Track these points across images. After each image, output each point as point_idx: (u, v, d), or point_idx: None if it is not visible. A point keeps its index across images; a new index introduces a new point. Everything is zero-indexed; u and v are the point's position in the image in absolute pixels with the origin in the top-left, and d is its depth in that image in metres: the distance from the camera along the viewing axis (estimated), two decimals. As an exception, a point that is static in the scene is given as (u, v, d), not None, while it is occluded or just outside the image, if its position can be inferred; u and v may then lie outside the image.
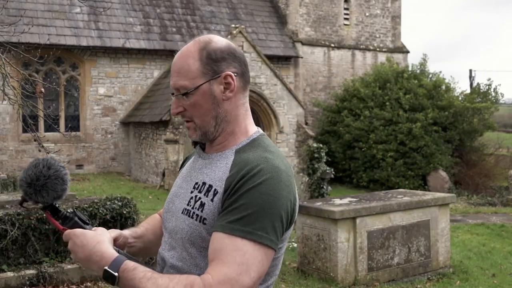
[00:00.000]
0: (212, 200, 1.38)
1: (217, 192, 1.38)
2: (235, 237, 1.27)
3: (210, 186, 1.41)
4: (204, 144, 1.55)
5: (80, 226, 1.42)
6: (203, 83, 1.42)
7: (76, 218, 1.43)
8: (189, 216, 1.41)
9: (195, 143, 1.58)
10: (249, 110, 1.52)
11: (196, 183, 1.46)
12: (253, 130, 1.50)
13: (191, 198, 1.44)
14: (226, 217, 1.31)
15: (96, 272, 1.35)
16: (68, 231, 1.40)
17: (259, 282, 1.31)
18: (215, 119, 1.44)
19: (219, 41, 1.46)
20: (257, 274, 1.28)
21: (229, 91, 1.44)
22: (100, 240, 1.37)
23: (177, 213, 1.47)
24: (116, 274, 1.28)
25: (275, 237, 1.31)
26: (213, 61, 1.43)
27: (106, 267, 1.30)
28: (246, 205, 1.29)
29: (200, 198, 1.41)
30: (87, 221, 1.45)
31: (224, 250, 1.27)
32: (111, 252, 1.35)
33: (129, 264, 1.31)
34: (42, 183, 1.40)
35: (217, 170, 1.43)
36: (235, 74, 1.44)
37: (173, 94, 1.48)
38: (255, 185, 1.31)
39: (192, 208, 1.41)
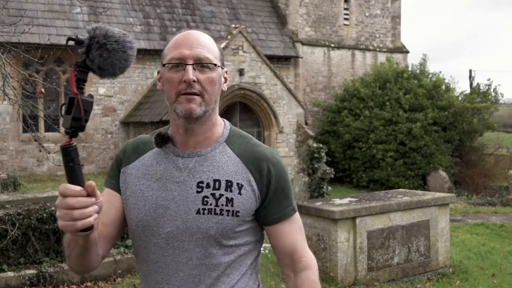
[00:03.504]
0: (239, 193, 1.46)
1: (242, 185, 1.47)
2: (294, 215, 1.56)
3: (229, 181, 1.47)
4: (168, 141, 1.51)
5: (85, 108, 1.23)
6: (220, 67, 1.51)
7: (91, 100, 1.24)
8: (215, 214, 1.44)
9: (161, 142, 1.51)
10: None
11: (201, 183, 1.46)
12: (221, 120, 1.58)
13: (205, 197, 1.45)
14: (282, 204, 1.53)
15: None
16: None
17: None
18: (214, 102, 1.49)
19: None
20: None
21: (226, 84, 1.55)
22: None
23: (183, 216, 1.45)
24: None
25: None
26: (221, 54, 1.54)
27: None
28: (285, 188, 1.53)
29: (222, 194, 1.45)
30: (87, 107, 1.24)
31: (299, 232, 1.57)
32: None
33: None
34: (114, 47, 1.23)
35: (224, 166, 1.48)
36: None
37: (176, 65, 1.44)
38: (280, 169, 1.53)
39: (217, 205, 1.44)
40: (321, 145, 14.91)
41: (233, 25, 14.94)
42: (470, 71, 29.62)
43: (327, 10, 19.50)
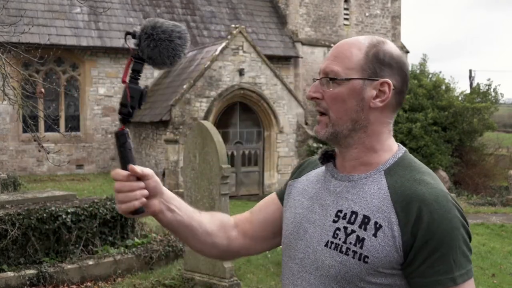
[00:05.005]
0: (374, 235, 1.19)
1: (381, 226, 1.19)
2: (459, 286, 1.20)
3: (367, 217, 1.22)
4: (331, 160, 1.38)
5: (139, 96, 1.26)
6: (357, 79, 1.26)
7: (143, 90, 1.26)
8: (340, 251, 1.22)
9: (324, 158, 1.38)
10: (392, 132, 1.35)
11: (340, 211, 1.27)
12: (396, 146, 1.33)
13: (337, 229, 1.25)
14: (435, 267, 1.16)
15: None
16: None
17: None
18: (352, 122, 1.27)
19: (393, 47, 1.32)
20: None
21: (380, 100, 1.27)
22: None
23: (315, 244, 1.29)
24: None
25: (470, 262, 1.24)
26: (378, 62, 1.27)
27: None
28: (442, 246, 1.16)
29: (354, 231, 1.22)
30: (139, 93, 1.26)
31: None
32: None
33: None
34: (161, 37, 1.23)
35: (369, 197, 1.24)
36: (393, 88, 1.27)
37: (315, 79, 1.37)
38: (441, 218, 1.16)
39: (344, 242, 1.22)
40: (321, 145, 14.91)
41: (233, 25, 14.94)
42: (470, 71, 29.64)
43: (327, 10, 19.51)
